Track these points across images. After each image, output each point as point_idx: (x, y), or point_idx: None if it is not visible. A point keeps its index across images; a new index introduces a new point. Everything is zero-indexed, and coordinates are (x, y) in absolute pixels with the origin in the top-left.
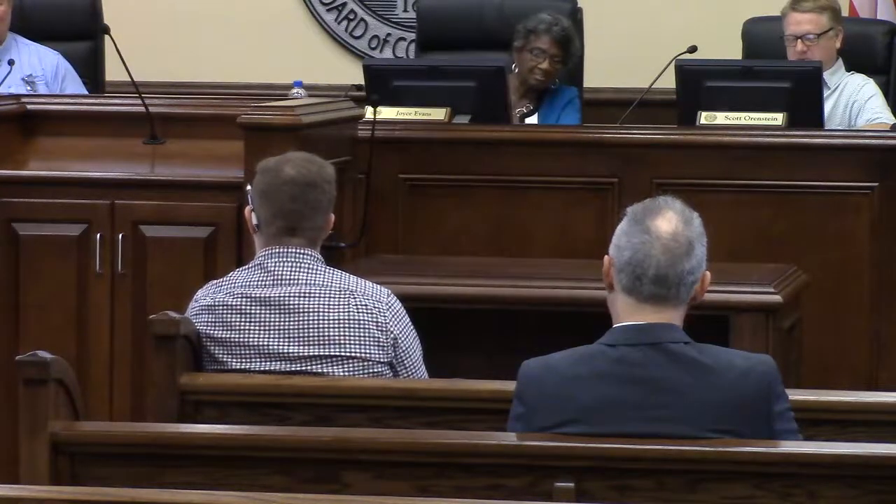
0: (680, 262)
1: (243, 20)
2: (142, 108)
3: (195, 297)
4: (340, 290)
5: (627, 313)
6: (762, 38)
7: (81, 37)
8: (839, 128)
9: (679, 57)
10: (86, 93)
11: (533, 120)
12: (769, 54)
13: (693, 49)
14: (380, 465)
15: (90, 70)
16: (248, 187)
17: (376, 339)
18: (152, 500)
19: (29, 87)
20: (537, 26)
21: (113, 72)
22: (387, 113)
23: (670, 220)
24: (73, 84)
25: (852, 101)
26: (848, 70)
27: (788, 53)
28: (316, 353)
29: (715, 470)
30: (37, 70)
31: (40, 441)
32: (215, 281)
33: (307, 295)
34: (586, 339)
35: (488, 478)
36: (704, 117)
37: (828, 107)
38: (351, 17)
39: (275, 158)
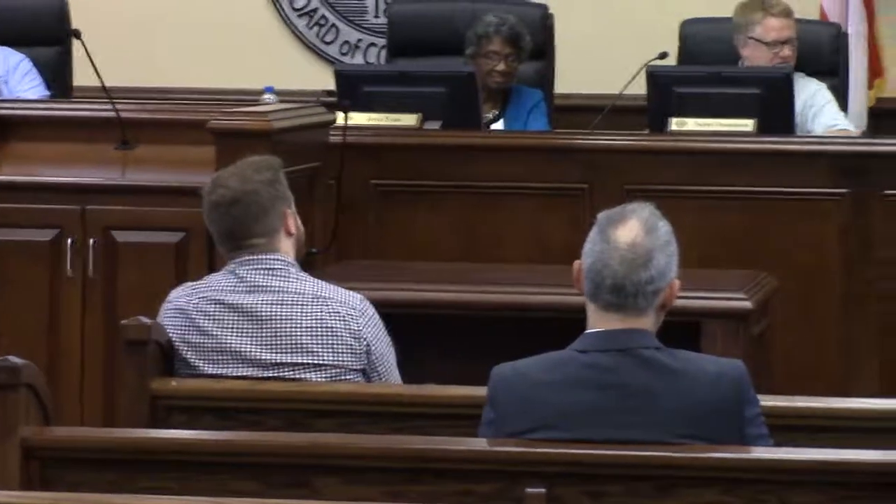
0: (636, 272)
1: (213, 25)
2: (113, 114)
3: (168, 297)
4: (313, 297)
5: (595, 320)
6: (700, 39)
7: (49, 42)
8: (808, 134)
9: (650, 63)
10: (44, 90)
11: (499, 125)
12: (707, 56)
13: (664, 55)
14: (351, 471)
15: (58, 75)
16: None
17: (349, 346)
18: None
19: None
20: (487, 30)
21: (82, 77)
22: (358, 118)
23: (631, 228)
24: (26, 82)
25: (808, 104)
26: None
27: (765, 59)
28: (289, 361)
29: (685, 476)
30: (1, 70)
31: (11, 446)
32: (190, 283)
33: (279, 302)
34: (557, 344)
35: (459, 483)
36: (675, 123)
37: None
38: (322, 22)
39: (213, 178)
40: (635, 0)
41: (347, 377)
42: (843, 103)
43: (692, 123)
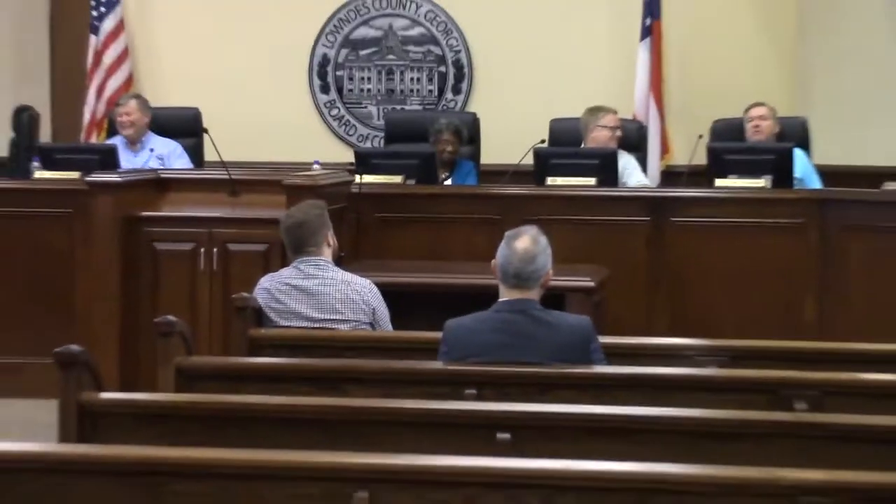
0: (527, 266)
1: (288, 128)
2: (227, 176)
3: (259, 281)
4: (341, 281)
5: (504, 293)
6: (560, 129)
7: (191, 134)
8: (626, 186)
9: (535, 145)
10: (188, 163)
11: (448, 182)
12: (564, 139)
13: (543, 141)
14: (365, 381)
15: (196, 153)
16: None
17: (363, 310)
18: (238, 401)
19: (161, 162)
20: (440, 127)
21: (209, 154)
22: (368, 178)
23: (524, 241)
24: (180, 159)
25: (625, 168)
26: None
27: (605, 139)
28: (328, 318)
29: (557, 382)
30: (164, 150)
31: (169, 369)
32: (271, 273)
33: (323, 284)
34: (482, 307)
35: (427, 387)
36: (550, 180)
37: None
38: (347, 123)
39: (286, 212)
40: (525, 108)
41: (361, 327)
42: (645, 167)
43: (560, 180)
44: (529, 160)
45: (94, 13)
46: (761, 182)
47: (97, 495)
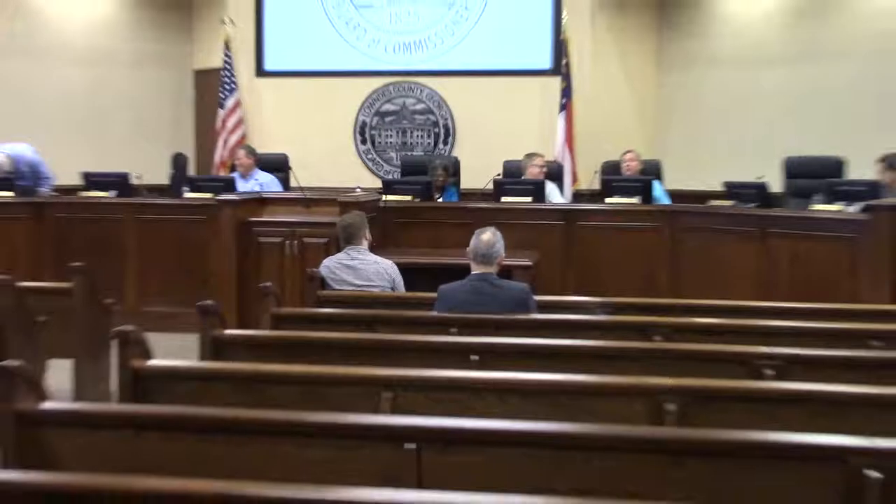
0: (489, 250)
1: (341, 166)
2: (303, 196)
3: (323, 262)
4: (374, 262)
5: (474, 269)
6: (511, 167)
7: (282, 170)
8: (551, 203)
9: (494, 177)
10: (279, 187)
11: (441, 200)
12: (513, 173)
13: (499, 174)
14: (388, 323)
15: (285, 182)
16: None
17: (387, 279)
18: (311, 335)
19: (262, 187)
20: (435, 165)
21: (293, 182)
22: (390, 197)
23: (486, 235)
24: (275, 186)
25: (549, 192)
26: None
27: (536, 173)
28: (365, 284)
29: (509, 326)
30: (265, 180)
31: (267, 318)
32: (331, 256)
33: (362, 263)
34: (461, 277)
35: (427, 327)
36: (504, 199)
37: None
38: (377, 163)
39: (340, 218)
40: (488, 154)
41: (386, 290)
42: (563, 191)
43: (510, 199)
44: (491, 186)
45: (221, 95)
46: (634, 200)
47: (223, 393)
